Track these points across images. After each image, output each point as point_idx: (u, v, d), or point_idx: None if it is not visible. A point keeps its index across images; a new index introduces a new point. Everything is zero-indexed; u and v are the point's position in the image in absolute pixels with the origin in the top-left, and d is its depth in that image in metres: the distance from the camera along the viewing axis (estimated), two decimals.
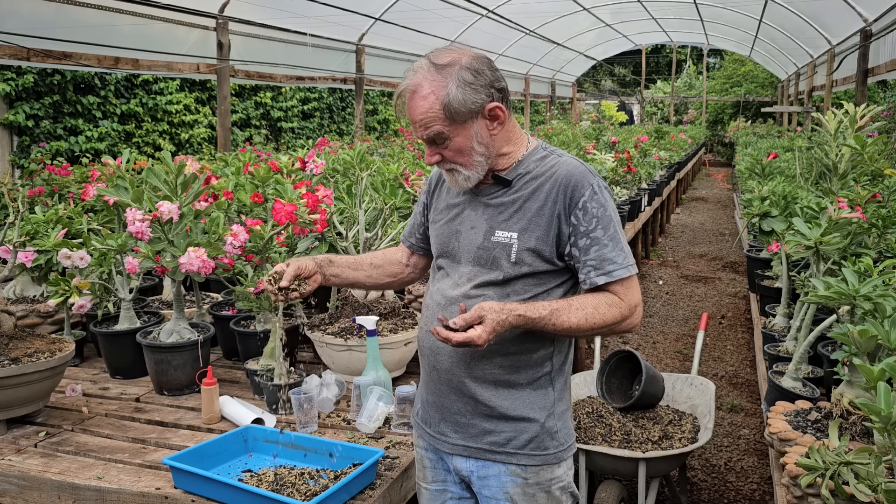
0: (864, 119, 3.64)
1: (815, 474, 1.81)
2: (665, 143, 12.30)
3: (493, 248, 1.77)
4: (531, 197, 1.77)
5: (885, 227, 2.95)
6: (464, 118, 1.70)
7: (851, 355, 2.02)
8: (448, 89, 1.68)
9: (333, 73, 10.49)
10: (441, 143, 1.73)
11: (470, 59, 1.72)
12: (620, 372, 3.54)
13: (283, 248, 2.88)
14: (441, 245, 1.90)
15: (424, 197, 2.04)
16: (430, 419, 1.93)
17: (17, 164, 8.85)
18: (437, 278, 1.91)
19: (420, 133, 1.74)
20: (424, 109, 1.69)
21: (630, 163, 7.45)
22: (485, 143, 1.75)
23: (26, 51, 5.94)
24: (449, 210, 1.90)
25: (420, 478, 2.03)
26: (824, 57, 11.90)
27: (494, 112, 1.74)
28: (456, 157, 1.75)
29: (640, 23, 17.48)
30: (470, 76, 1.70)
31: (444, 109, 1.68)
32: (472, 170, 1.76)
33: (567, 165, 1.78)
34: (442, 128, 1.70)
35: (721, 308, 7.56)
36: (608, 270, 1.72)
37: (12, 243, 3.07)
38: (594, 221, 1.73)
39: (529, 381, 1.82)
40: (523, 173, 1.80)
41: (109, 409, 2.55)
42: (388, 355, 2.65)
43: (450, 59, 1.71)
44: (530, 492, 1.84)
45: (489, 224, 1.79)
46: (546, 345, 1.82)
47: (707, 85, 26.75)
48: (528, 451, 1.82)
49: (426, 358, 1.90)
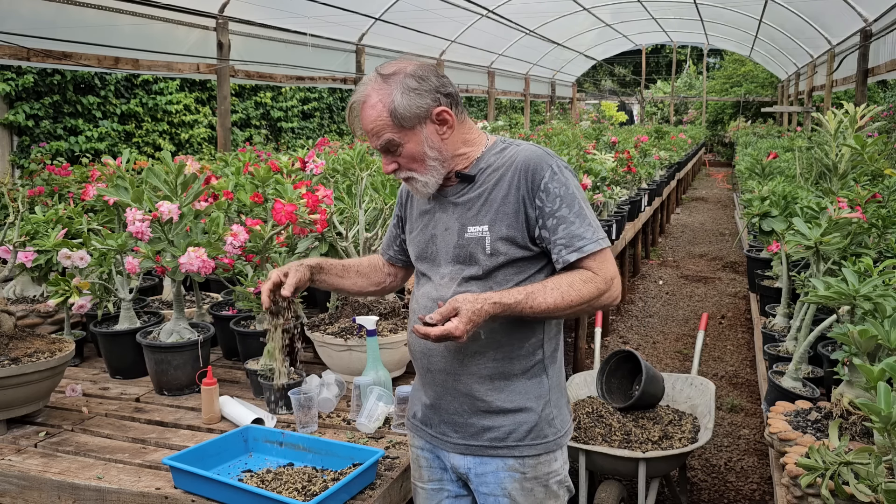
0: (864, 119, 3.64)
1: (815, 474, 1.81)
2: (665, 143, 12.30)
3: (468, 244, 1.81)
4: (495, 188, 1.81)
5: (885, 227, 2.95)
6: (412, 123, 1.75)
7: (851, 355, 2.02)
8: (393, 96, 1.73)
9: (333, 73, 10.49)
10: (394, 150, 1.78)
11: (414, 67, 1.77)
12: (620, 372, 3.54)
13: (283, 248, 2.88)
14: (420, 252, 1.93)
15: (398, 210, 2.07)
16: (429, 420, 1.95)
17: (17, 164, 8.85)
18: (421, 283, 1.95)
19: (373, 142, 1.79)
20: (373, 118, 1.75)
21: (630, 163, 7.45)
22: (437, 148, 1.79)
23: (26, 51, 5.94)
24: (422, 218, 1.94)
25: (416, 477, 2.04)
26: (824, 57, 11.91)
27: (442, 116, 1.78)
28: (410, 164, 1.80)
29: (640, 23, 17.48)
30: (414, 83, 1.74)
31: (391, 116, 1.74)
32: (427, 175, 1.81)
33: (525, 152, 1.82)
34: (392, 135, 1.76)
35: (721, 308, 7.56)
36: (578, 246, 1.75)
37: (12, 243, 3.07)
38: (558, 201, 1.76)
39: (523, 370, 1.84)
40: (485, 167, 1.84)
41: (109, 409, 2.55)
42: (388, 355, 2.65)
43: (395, 69, 1.76)
44: (528, 486, 1.86)
45: (460, 222, 1.83)
46: (536, 332, 1.84)
47: (707, 85, 26.75)
48: (528, 442, 1.84)
49: (419, 361, 1.92)
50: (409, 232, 2.00)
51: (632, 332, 6.75)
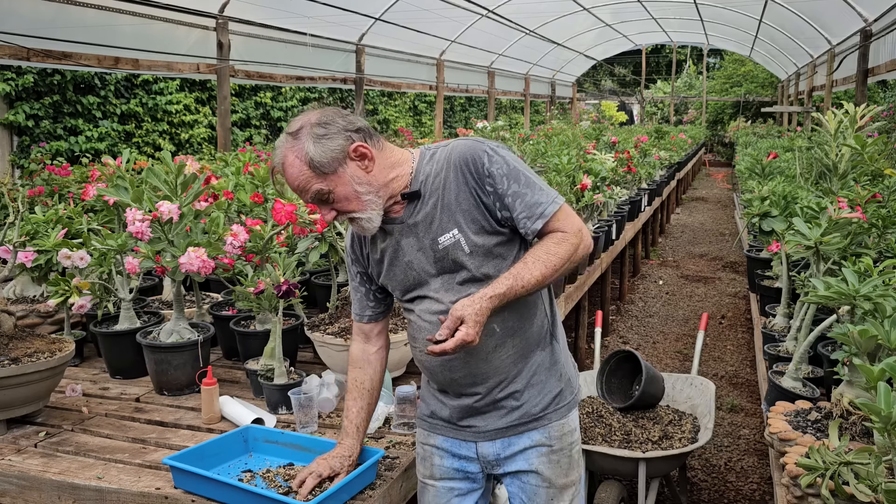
0: (864, 119, 3.64)
1: (815, 474, 1.81)
2: (665, 143, 12.29)
3: (446, 253, 1.83)
4: (444, 192, 1.83)
5: (885, 227, 2.95)
6: (332, 168, 1.77)
7: (851, 355, 2.02)
8: (307, 149, 1.76)
9: (333, 73, 10.49)
10: (326, 199, 1.80)
11: (318, 115, 1.80)
12: (620, 372, 3.54)
13: (283, 248, 2.88)
14: (402, 284, 1.92)
15: (356, 266, 2.03)
16: (453, 417, 1.98)
17: (17, 164, 8.85)
18: (414, 307, 1.93)
19: (304, 198, 1.81)
20: (296, 175, 1.77)
21: (630, 163, 7.45)
22: (365, 182, 1.81)
23: (26, 51, 5.94)
24: (385, 255, 1.93)
25: (426, 475, 2.05)
26: (824, 57, 11.91)
27: (359, 151, 1.80)
28: (346, 206, 1.81)
29: (640, 23, 17.47)
30: (321, 129, 1.77)
31: (310, 168, 1.76)
32: (367, 211, 1.82)
33: (457, 148, 1.85)
34: (318, 185, 1.78)
35: (721, 308, 7.56)
36: (539, 213, 1.80)
37: (12, 243, 3.06)
38: (505, 180, 1.80)
39: (538, 343, 1.94)
40: (424, 179, 1.86)
41: (109, 409, 2.55)
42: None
43: (300, 124, 1.80)
44: (555, 458, 1.95)
45: (429, 237, 1.85)
46: (538, 303, 1.93)
47: (707, 85, 26.75)
48: (554, 407, 1.95)
49: (439, 376, 1.94)
50: (379, 275, 1.97)
51: (632, 332, 6.75)
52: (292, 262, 2.76)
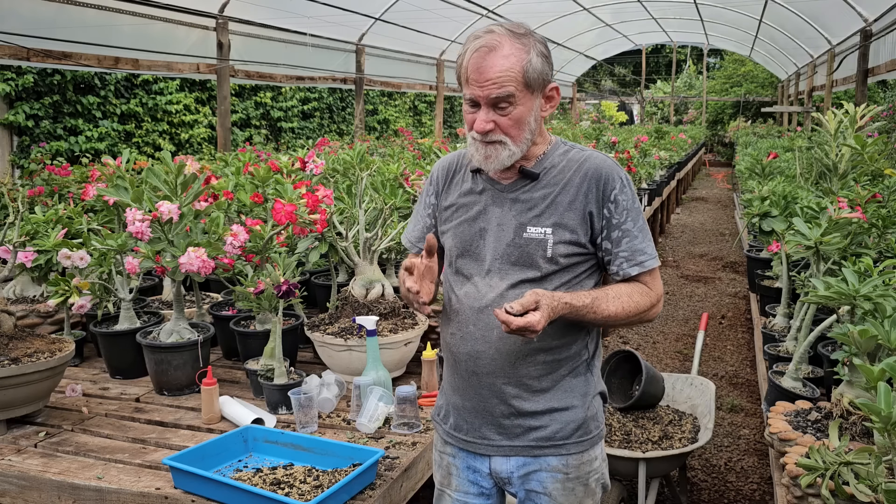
0: (864, 119, 3.64)
1: (815, 474, 1.81)
2: (665, 143, 12.30)
3: (526, 245, 1.75)
4: (561, 190, 1.77)
5: (885, 227, 2.95)
6: (533, 89, 1.70)
7: (851, 355, 2.02)
8: (530, 56, 1.68)
9: (333, 73, 10.49)
10: (504, 108, 1.69)
11: (540, 36, 1.75)
12: (620, 372, 3.54)
13: (283, 248, 2.88)
14: (462, 246, 1.83)
15: (431, 198, 1.94)
16: (465, 425, 1.88)
17: (17, 164, 8.85)
18: (459, 282, 1.85)
19: (489, 91, 1.67)
20: (504, 68, 1.66)
21: (630, 163, 7.45)
22: (537, 121, 1.76)
23: (26, 51, 5.94)
24: (465, 209, 1.85)
25: (444, 484, 1.96)
26: (824, 57, 11.91)
27: (552, 93, 1.76)
28: (510, 129, 1.71)
29: (640, 23, 17.48)
30: (544, 50, 1.72)
31: (523, 73, 1.67)
32: (517, 145, 1.74)
33: (595, 159, 1.80)
34: (515, 91, 1.67)
35: (721, 308, 7.56)
36: (640, 261, 1.76)
37: (12, 243, 3.07)
38: (625, 214, 1.75)
39: (571, 370, 1.83)
40: (549, 167, 1.80)
41: (109, 409, 2.55)
42: (388, 355, 2.65)
43: (525, 31, 1.72)
44: (570, 486, 1.84)
45: (518, 220, 1.77)
46: (583, 334, 1.83)
47: (707, 85, 26.75)
48: (575, 440, 1.83)
49: (463, 364, 1.84)
50: (446, 221, 1.88)
51: (632, 332, 6.75)
52: (292, 262, 2.76)
